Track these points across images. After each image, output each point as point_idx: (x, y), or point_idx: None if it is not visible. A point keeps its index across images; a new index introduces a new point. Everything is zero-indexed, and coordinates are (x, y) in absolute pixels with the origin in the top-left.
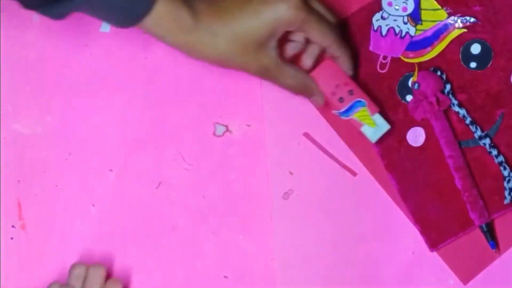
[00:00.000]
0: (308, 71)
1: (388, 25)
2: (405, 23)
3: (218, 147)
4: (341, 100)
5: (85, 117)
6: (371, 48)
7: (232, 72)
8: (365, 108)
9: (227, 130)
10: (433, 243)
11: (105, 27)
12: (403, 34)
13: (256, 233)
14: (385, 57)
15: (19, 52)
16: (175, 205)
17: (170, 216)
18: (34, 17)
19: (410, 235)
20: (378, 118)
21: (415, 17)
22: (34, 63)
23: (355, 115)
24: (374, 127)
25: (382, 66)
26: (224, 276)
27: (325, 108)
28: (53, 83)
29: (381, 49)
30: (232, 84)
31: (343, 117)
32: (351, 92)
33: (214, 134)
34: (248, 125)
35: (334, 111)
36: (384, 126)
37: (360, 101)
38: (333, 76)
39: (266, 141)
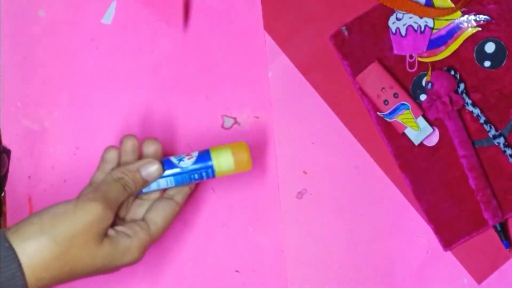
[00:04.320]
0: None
1: (405, 24)
2: (421, 17)
3: (227, 140)
4: (386, 102)
5: (92, 111)
6: (395, 52)
7: (239, 64)
8: (409, 111)
9: (236, 122)
10: (447, 243)
11: (107, 19)
12: (423, 28)
13: (266, 225)
14: (411, 56)
15: (26, 48)
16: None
17: (181, 209)
18: (40, 12)
19: (424, 234)
20: (421, 121)
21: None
22: (41, 58)
23: (399, 118)
24: (417, 130)
25: (411, 65)
26: (236, 271)
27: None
28: (60, 77)
29: (404, 49)
30: (239, 76)
31: (387, 119)
32: (396, 95)
33: (222, 126)
34: (257, 117)
35: (379, 113)
36: (427, 129)
37: (404, 104)
38: (379, 79)
39: (278, 140)
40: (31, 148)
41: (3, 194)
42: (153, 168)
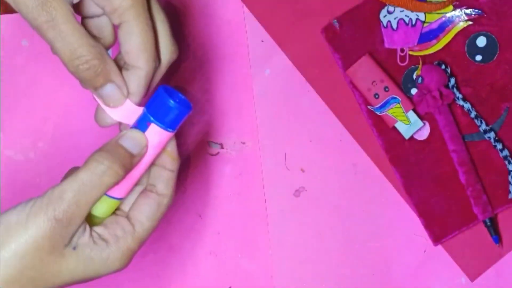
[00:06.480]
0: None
1: (396, 17)
2: (413, 11)
3: (213, 166)
4: (376, 96)
5: (78, 141)
6: (386, 45)
7: (223, 88)
8: (400, 105)
9: (222, 148)
10: (437, 237)
11: None
12: (414, 21)
13: (254, 251)
14: (402, 50)
15: (10, 78)
16: (171, 225)
17: (167, 236)
18: (23, 42)
19: (422, 233)
20: (412, 115)
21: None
22: (25, 88)
23: (390, 111)
24: (408, 124)
25: (402, 59)
26: None
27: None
28: (44, 107)
29: (396, 43)
30: (224, 101)
31: (378, 113)
32: (386, 89)
33: (208, 152)
34: (243, 143)
35: (370, 107)
36: (418, 123)
37: (394, 98)
38: (370, 72)
39: (277, 138)
40: (14, 179)
41: None
42: (135, 134)
